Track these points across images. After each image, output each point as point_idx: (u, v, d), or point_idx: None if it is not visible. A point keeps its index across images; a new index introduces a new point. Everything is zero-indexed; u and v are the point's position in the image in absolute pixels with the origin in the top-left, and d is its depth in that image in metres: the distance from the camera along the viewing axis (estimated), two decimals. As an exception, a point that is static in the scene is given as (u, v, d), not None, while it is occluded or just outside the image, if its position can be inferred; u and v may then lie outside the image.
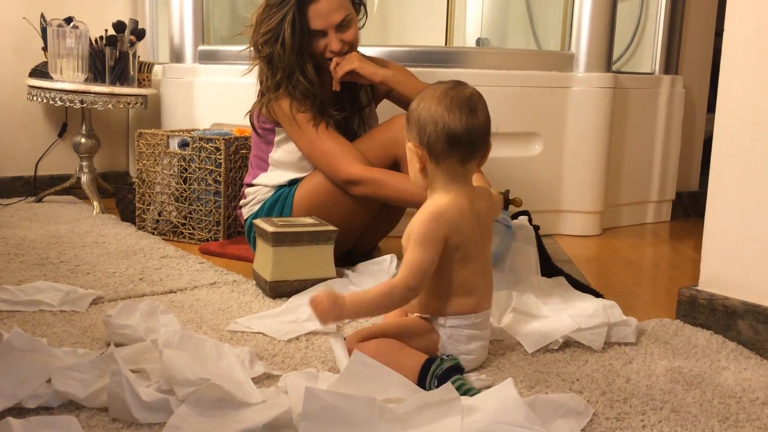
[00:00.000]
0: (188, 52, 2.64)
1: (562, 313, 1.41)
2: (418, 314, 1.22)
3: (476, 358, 1.22)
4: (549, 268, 1.69)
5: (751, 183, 1.37)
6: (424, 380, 1.10)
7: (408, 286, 1.14)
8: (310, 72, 1.79)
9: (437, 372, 1.10)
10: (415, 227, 1.16)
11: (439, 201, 1.18)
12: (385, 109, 2.00)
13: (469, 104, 1.16)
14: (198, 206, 2.15)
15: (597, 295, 1.59)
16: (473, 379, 1.16)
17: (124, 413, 0.98)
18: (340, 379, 1.03)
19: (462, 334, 1.19)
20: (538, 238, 1.67)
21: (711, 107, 2.90)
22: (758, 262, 1.37)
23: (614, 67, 2.57)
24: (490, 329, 1.27)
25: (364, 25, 1.95)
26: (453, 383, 1.03)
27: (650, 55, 2.73)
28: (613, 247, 2.30)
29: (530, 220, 1.67)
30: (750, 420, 1.05)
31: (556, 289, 1.56)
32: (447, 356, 1.15)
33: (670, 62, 2.72)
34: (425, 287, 1.17)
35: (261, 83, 1.85)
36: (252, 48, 1.82)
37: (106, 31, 2.54)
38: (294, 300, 1.53)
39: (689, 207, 2.88)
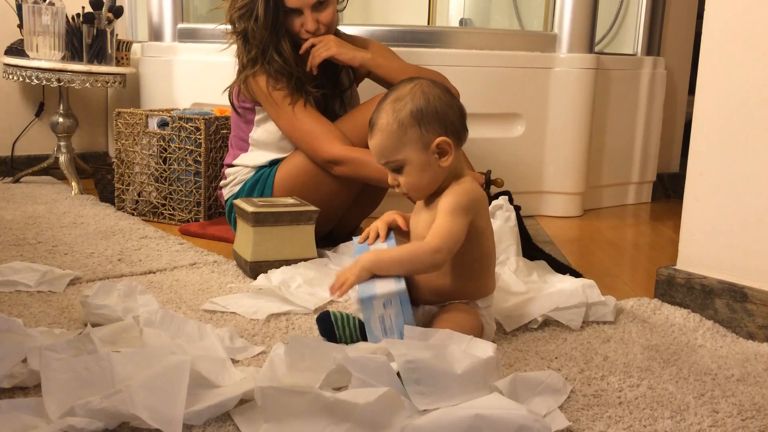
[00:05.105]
0: (167, 30, 2.60)
1: (542, 293, 1.42)
2: (457, 301, 1.19)
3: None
4: (530, 248, 1.70)
5: (730, 164, 1.38)
6: None
7: (436, 248, 1.09)
8: (285, 49, 1.76)
9: None
10: (446, 200, 1.14)
11: (466, 185, 1.17)
12: (366, 88, 1.98)
13: None
14: (178, 187, 2.13)
15: (577, 275, 1.60)
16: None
17: (100, 393, 0.97)
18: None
19: (491, 315, 1.22)
20: (519, 218, 1.67)
21: (692, 89, 2.90)
22: (735, 241, 1.38)
23: (597, 48, 2.56)
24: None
25: (344, 7, 1.93)
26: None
27: (632, 36, 2.73)
28: (594, 228, 2.32)
29: (511, 201, 1.67)
30: (725, 396, 1.07)
31: (535, 269, 1.57)
32: None
33: (653, 44, 2.72)
34: (448, 260, 1.12)
35: (239, 60, 1.83)
36: (228, 23, 1.80)
37: (83, 8, 2.50)
38: (261, 279, 1.52)
39: (670, 188, 2.90)
